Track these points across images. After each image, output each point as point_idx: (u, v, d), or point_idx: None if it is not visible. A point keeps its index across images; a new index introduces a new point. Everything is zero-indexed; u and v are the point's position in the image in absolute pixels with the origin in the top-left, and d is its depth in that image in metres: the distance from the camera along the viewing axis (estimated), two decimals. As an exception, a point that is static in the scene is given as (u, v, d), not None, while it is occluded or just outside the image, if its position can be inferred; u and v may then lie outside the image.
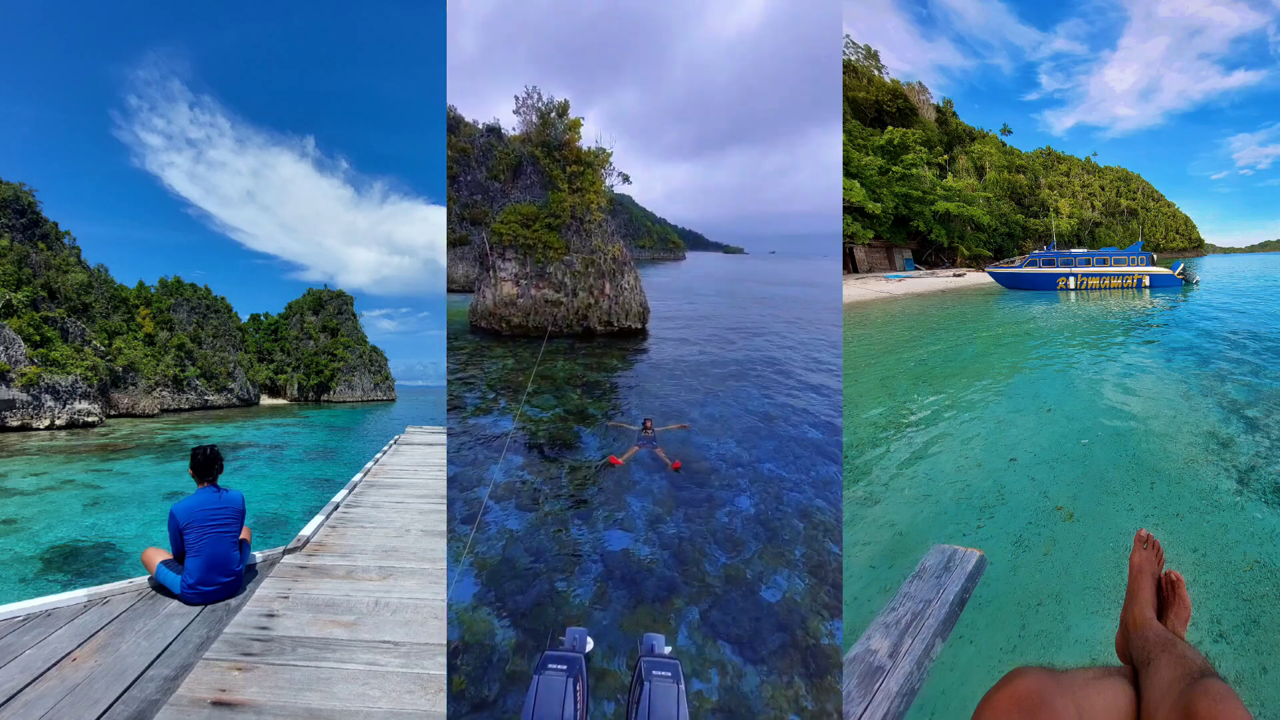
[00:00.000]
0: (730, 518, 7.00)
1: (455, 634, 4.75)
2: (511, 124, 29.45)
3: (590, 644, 1.56)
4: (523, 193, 25.90)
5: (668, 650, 1.56)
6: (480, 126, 47.02)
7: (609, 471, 8.24)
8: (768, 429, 10.61)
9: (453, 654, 4.53)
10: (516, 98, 26.11)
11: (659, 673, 1.40)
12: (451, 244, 43.66)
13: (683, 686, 1.38)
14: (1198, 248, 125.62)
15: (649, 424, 8.83)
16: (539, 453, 9.13)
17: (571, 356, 17.60)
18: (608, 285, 22.46)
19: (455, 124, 48.38)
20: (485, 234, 23.58)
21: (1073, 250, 44.87)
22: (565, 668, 1.36)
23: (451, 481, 7.99)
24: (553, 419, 10.96)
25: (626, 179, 27.52)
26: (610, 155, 24.79)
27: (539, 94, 25.30)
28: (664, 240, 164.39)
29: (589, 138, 24.51)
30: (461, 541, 6.16)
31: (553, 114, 24.66)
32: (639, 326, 23.17)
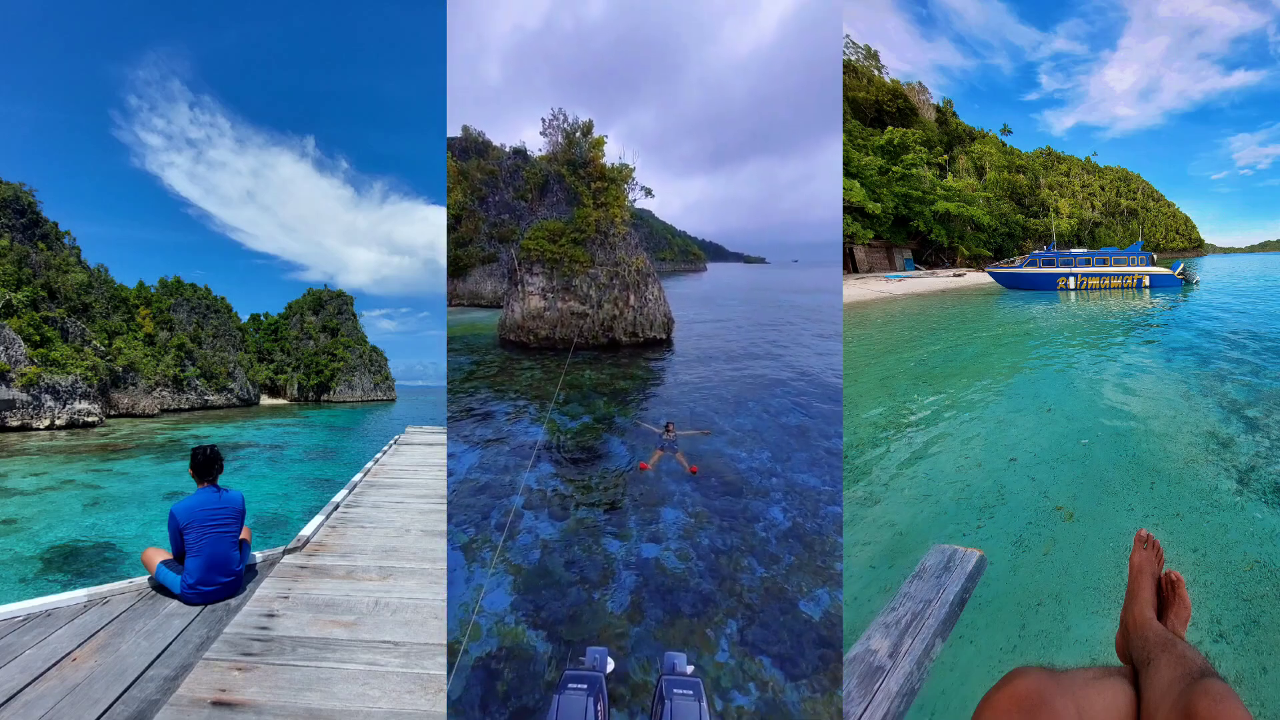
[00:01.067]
0: (766, 530, 6.89)
1: (494, 643, 4.75)
2: (538, 145, 30.61)
3: (611, 664, 1.56)
4: (549, 210, 26.49)
5: (689, 669, 1.55)
6: (507, 150, 48.34)
7: (639, 478, 8.31)
8: (800, 441, 10.46)
9: (490, 660, 4.54)
10: (543, 120, 27.09)
11: (680, 691, 1.39)
12: (481, 261, 45.40)
13: (704, 704, 1.37)
14: (1198, 248, 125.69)
15: (670, 426, 8.87)
16: (570, 460, 9.21)
17: (598, 367, 17.72)
18: (632, 297, 22.77)
19: (484, 148, 50.34)
20: (513, 250, 24.03)
21: (1073, 250, 44.90)
22: (586, 687, 1.36)
23: (484, 489, 8.02)
24: (581, 428, 11.09)
25: (649, 193, 28.15)
26: (633, 171, 25.44)
27: (564, 115, 26.34)
28: (685, 252, 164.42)
29: (611, 155, 25.29)
30: (492, 547, 6.17)
31: (577, 134, 25.51)
32: (664, 337, 23.41)
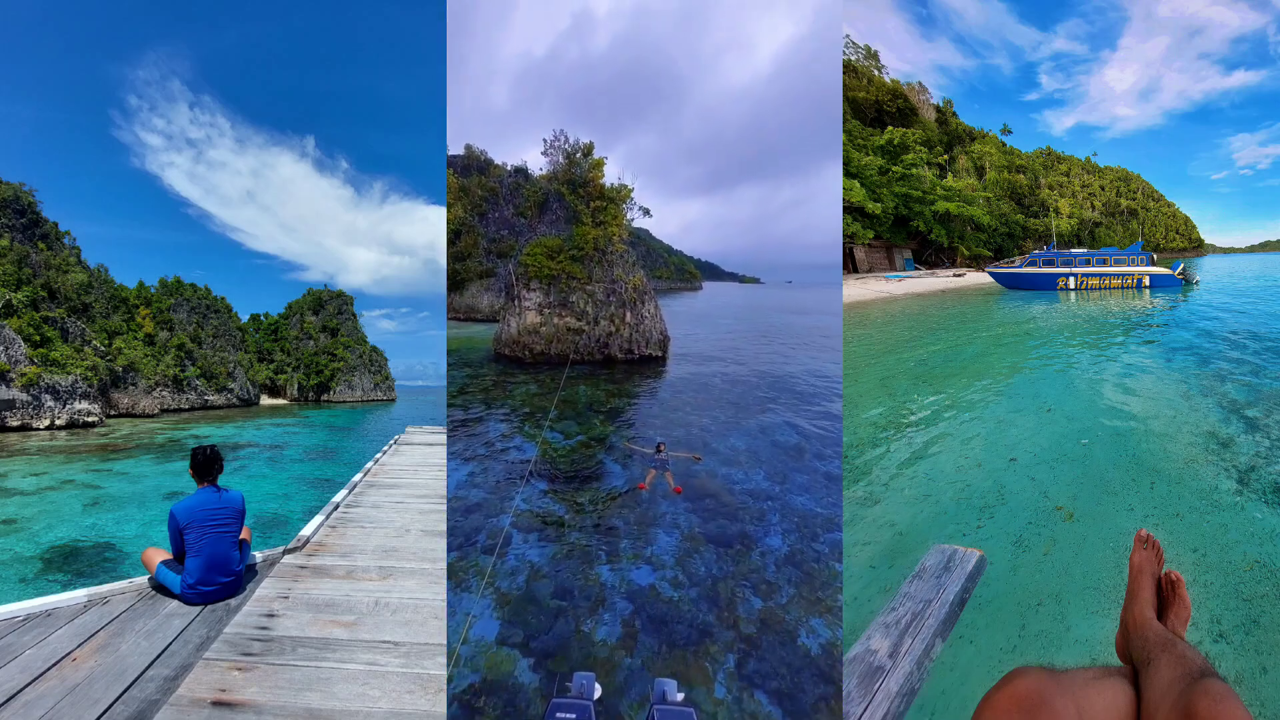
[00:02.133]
0: (762, 557, 6.77)
1: (478, 675, 4.66)
2: (539, 165, 31.38)
3: (598, 690, 1.53)
4: (548, 227, 26.96)
5: (680, 696, 1.53)
6: (508, 168, 48.77)
7: (634, 500, 8.31)
8: (796, 462, 10.36)
9: (474, 694, 4.47)
10: (545, 140, 27.53)
11: None
12: (479, 275, 45.67)
13: None
14: (1198, 248, 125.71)
15: (662, 447, 8.87)
16: (563, 479, 9.18)
17: (593, 383, 17.74)
18: (628, 314, 22.98)
19: (485, 166, 50.95)
20: (512, 266, 24.31)
21: (1073, 250, 44.93)
22: (575, 716, 1.34)
23: (476, 508, 7.99)
24: (576, 446, 11.07)
25: (647, 212, 28.80)
26: (631, 191, 25.86)
27: (566, 136, 26.89)
28: (681, 271, 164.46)
29: (610, 176, 26.18)
30: (482, 574, 6.11)
31: (578, 154, 25.98)
32: (659, 354, 23.51)
